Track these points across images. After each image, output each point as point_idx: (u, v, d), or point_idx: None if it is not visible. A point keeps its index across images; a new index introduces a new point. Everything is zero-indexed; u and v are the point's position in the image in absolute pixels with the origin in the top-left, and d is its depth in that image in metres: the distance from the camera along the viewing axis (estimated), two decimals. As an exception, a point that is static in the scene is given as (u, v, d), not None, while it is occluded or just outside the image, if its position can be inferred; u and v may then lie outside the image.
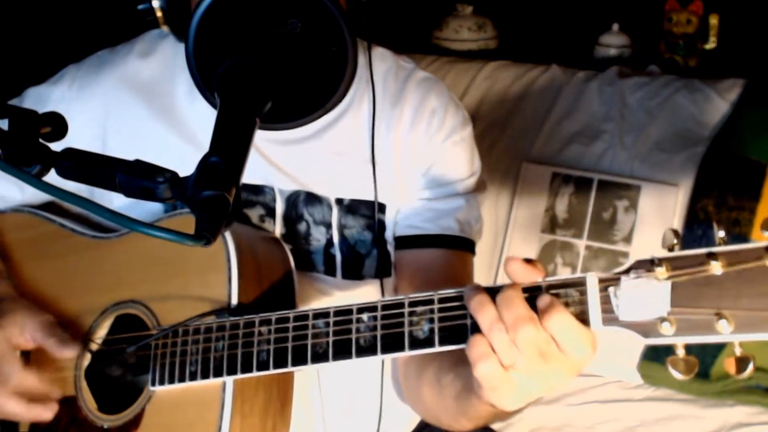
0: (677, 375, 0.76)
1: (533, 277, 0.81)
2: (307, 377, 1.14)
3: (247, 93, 0.83)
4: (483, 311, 0.80)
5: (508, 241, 1.99)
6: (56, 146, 0.78)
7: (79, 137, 1.13)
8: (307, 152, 1.15)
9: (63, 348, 1.05)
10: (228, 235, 1.02)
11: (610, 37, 2.26)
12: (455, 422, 1.08)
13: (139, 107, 1.15)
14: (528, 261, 0.82)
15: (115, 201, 1.09)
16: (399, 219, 1.20)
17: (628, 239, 1.91)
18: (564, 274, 1.92)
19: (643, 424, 1.72)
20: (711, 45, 2.19)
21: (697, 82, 2.02)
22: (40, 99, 1.17)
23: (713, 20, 2.17)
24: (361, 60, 1.18)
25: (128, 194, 0.75)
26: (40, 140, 0.78)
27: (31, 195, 1.21)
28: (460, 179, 1.20)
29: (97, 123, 1.16)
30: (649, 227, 1.88)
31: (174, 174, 0.75)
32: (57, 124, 0.81)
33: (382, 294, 1.19)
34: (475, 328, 0.82)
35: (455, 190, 1.19)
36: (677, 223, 1.86)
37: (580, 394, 1.82)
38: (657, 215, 1.88)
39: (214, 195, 0.73)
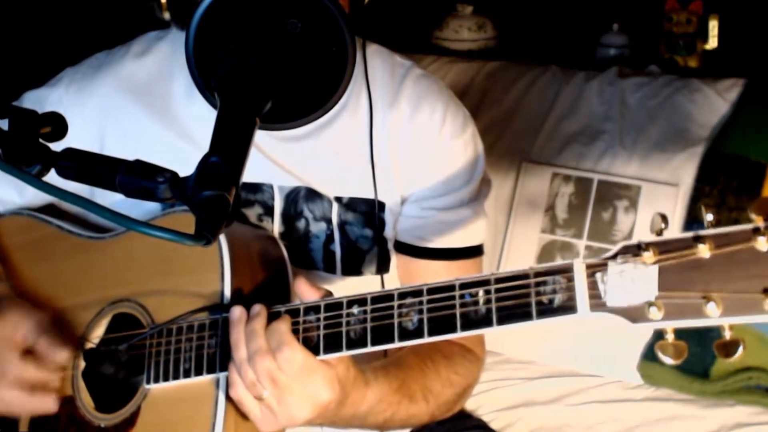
0: (667, 360, 0.76)
1: (315, 296, 0.93)
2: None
3: (247, 93, 0.84)
4: (236, 350, 0.93)
5: (508, 241, 1.99)
6: (56, 146, 0.79)
7: (76, 139, 1.12)
8: (306, 150, 1.15)
9: (53, 350, 1.05)
10: None
11: (610, 37, 2.26)
12: None
13: (137, 109, 1.15)
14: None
15: (116, 200, 1.09)
16: (407, 226, 1.20)
17: (628, 239, 1.88)
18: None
19: (643, 424, 1.72)
20: (711, 45, 2.19)
21: (697, 82, 2.02)
22: (38, 101, 1.17)
23: (713, 20, 2.17)
24: (357, 57, 1.18)
25: (128, 194, 0.75)
26: (40, 140, 0.78)
27: (30, 198, 1.21)
28: (465, 185, 1.20)
29: (95, 125, 1.16)
30: (649, 227, 1.88)
31: (174, 174, 0.75)
32: (57, 124, 0.81)
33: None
34: (465, 318, 0.84)
35: (461, 201, 1.20)
36: (677, 223, 1.86)
37: (580, 394, 1.82)
38: (657, 215, 1.88)
39: (214, 195, 0.73)
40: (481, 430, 1.39)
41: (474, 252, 1.23)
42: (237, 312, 0.94)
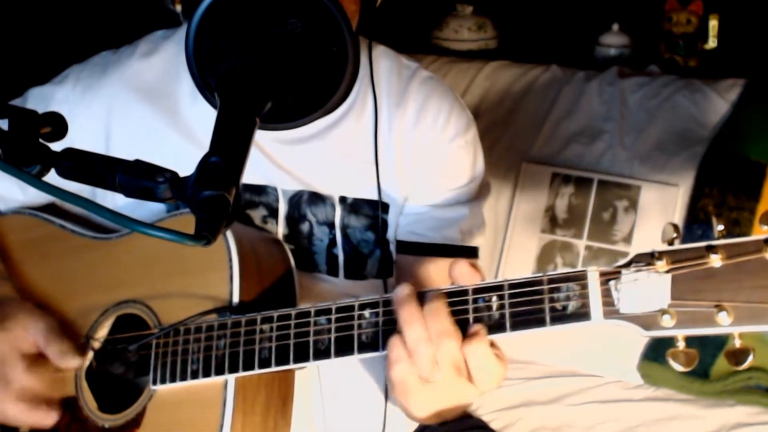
0: (678, 367, 0.77)
1: (475, 279, 0.86)
2: (308, 377, 1.14)
3: (247, 93, 0.84)
4: (411, 325, 0.84)
5: (508, 241, 1.99)
6: (56, 146, 0.78)
7: (82, 138, 1.13)
8: (311, 152, 1.16)
9: (63, 359, 1.05)
10: (229, 233, 1.02)
11: (610, 37, 2.26)
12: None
13: (143, 108, 1.15)
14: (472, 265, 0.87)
15: (119, 201, 1.09)
16: (403, 223, 1.20)
17: (628, 239, 1.91)
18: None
19: (643, 424, 1.72)
20: (711, 45, 2.19)
21: (697, 82, 2.02)
22: (43, 99, 1.17)
23: (713, 20, 2.17)
24: (363, 59, 1.18)
25: (128, 194, 0.75)
26: (40, 140, 0.78)
27: (33, 196, 1.21)
28: (464, 185, 1.20)
29: (101, 124, 1.16)
30: (649, 227, 1.88)
31: (174, 174, 0.75)
32: (57, 124, 0.80)
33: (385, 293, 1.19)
34: (479, 324, 0.84)
35: (459, 199, 1.20)
36: (677, 223, 1.86)
37: (580, 394, 1.82)
38: (657, 215, 1.88)
39: (214, 195, 0.73)
40: (481, 430, 1.39)
41: (468, 253, 1.22)
42: (407, 289, 0.87)
